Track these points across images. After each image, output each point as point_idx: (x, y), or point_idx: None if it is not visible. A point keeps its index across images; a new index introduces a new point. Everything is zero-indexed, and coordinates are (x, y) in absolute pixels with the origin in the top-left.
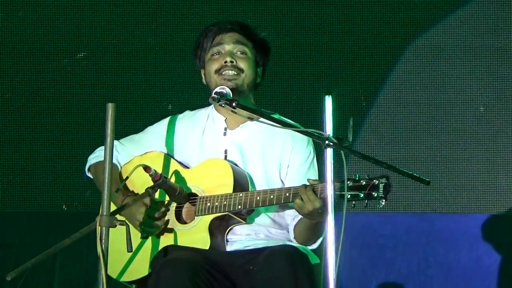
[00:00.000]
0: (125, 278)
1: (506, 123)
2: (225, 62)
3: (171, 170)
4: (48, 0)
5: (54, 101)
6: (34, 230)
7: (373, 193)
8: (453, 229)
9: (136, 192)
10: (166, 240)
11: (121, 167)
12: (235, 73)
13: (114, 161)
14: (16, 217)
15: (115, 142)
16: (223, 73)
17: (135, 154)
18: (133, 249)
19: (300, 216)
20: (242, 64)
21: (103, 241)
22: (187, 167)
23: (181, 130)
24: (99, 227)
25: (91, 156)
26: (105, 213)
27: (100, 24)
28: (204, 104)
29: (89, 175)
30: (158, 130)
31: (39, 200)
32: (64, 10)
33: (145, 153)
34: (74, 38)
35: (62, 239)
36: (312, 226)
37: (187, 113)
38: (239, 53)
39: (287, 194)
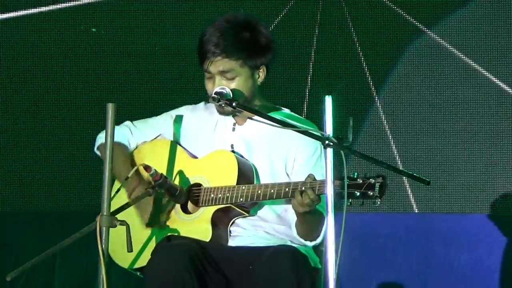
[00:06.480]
0: (131, 265)
1: (506, 123)
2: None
3: (178, 158)
4: (48, 0)
5: (54, 101)
6: (34, 230)
7: (369, 192)
8: (453, 229)
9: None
10: (170, 229)
11: (133, 151)
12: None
13: (125, 142)
14: (16, 217)
15: (128, 122)
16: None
17: (147, 135)
18: (141, 239)
19: None
20: (232, 87)
21: (103, 241)
22: (195, 156)
23: (194, 119)
24: (99, 227)
25: (100, 135)
26: (105, 213)
27: (100, 24)
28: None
29: (98, 153)
30: (172, 115)
31: (39, 200)
32: (64, 10)
33: (153, 140)
34: (74, 38)
35: (62, 239)
36: (304, 217)
37: (203, 104)
38: (226, 79)
39: (287, 189)
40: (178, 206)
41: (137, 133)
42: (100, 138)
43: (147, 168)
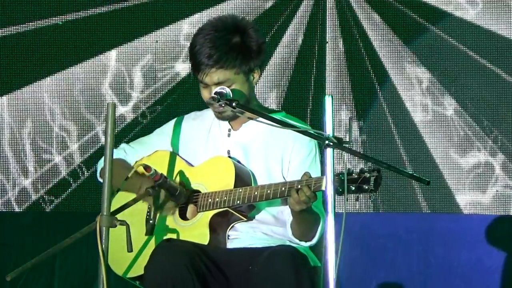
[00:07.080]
0: (130, 274)
1: (506, 123)
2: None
3: (177, 168)
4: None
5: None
6: (34, 230)
7: (364, 186)
8: (453, 229)
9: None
10: (169, 236)
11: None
12: (223, 108)
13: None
14: (16, 217)
15: (124, 145)
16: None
17: (142, 155)
18: (138, 246)
19: None
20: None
21: (103, 241)
22: (192, 165)
23: (187, 130)
24: (99, 227)
25: (100, 162)
26: (105, 213)
27: (100, 24)
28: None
29: (101, 180)
30: (164, 131)
31: (39, 200)
32: (64, 11)
33: (152, 153)
34: (74, 38)
35: (62, 239)
36: (300, 216)
37: (194, 114)
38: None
39: (283, 189)
40: (176, 213)
41: (132, 152)
42: (100, 165)
43: (147, 168)
